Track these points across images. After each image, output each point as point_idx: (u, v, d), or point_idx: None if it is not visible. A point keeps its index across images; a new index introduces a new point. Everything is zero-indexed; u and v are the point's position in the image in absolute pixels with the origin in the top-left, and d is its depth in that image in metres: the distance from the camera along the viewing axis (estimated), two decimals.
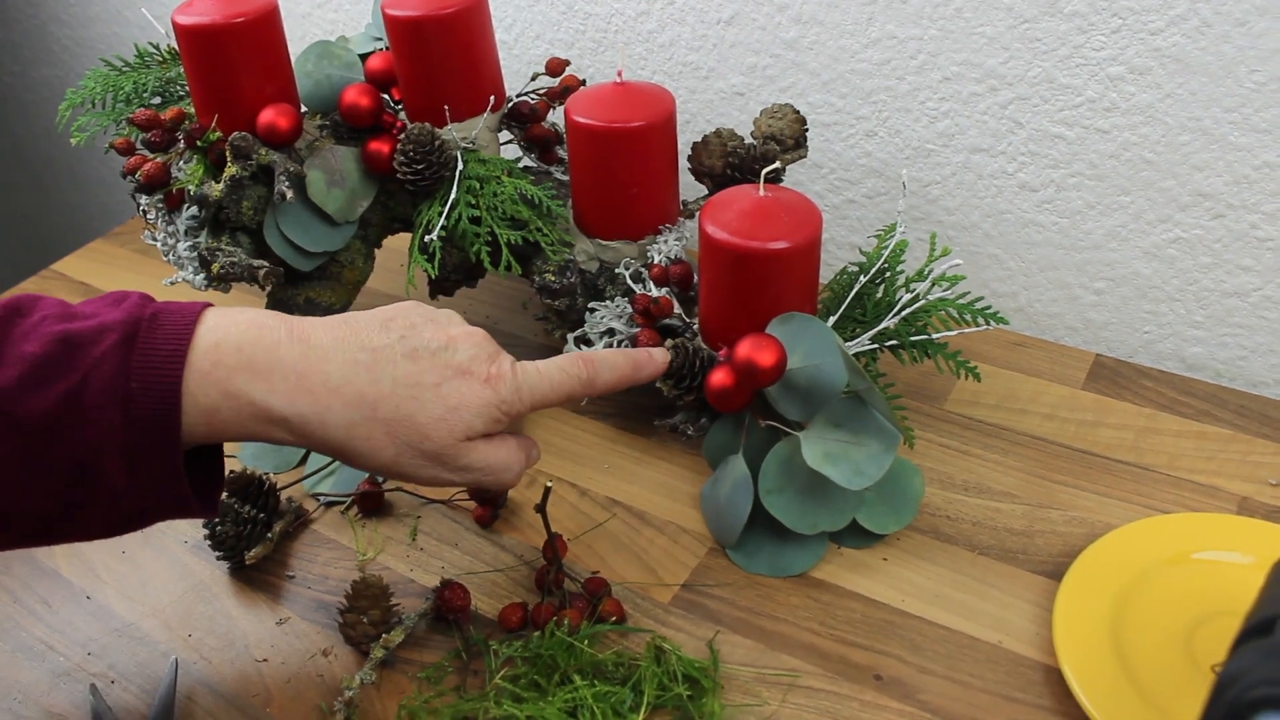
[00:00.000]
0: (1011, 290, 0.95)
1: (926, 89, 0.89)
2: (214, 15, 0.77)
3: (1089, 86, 0.82)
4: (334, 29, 1.25)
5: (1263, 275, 0.83)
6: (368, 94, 0.82)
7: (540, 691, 0.62)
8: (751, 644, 0.66)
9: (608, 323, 0.79)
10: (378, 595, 0.67)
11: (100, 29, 1.52)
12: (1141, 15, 0.78)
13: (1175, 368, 0.89)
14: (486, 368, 0.58)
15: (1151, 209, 0.85)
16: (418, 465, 0.57)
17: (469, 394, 0.57)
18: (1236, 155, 0.79)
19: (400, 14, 0.78)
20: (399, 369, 0.56)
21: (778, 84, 0.97)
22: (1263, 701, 0.36)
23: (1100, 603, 0.65)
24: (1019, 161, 0.88)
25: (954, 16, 0.85)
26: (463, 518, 0.77)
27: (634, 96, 0.77)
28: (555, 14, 1.06)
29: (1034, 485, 0.76)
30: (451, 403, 0.56)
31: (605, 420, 0.85)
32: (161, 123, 0.82)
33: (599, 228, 0.81)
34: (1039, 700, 0.62)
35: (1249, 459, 0.77)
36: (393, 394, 0.55)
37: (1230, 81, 0.77)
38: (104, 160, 1.68)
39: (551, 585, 0.69)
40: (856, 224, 1.00)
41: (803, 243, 0.69)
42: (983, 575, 0.69)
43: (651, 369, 0.67)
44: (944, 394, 0.85)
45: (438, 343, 0.57)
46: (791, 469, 0.71)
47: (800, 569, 0.70)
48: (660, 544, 0.74)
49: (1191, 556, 0.68)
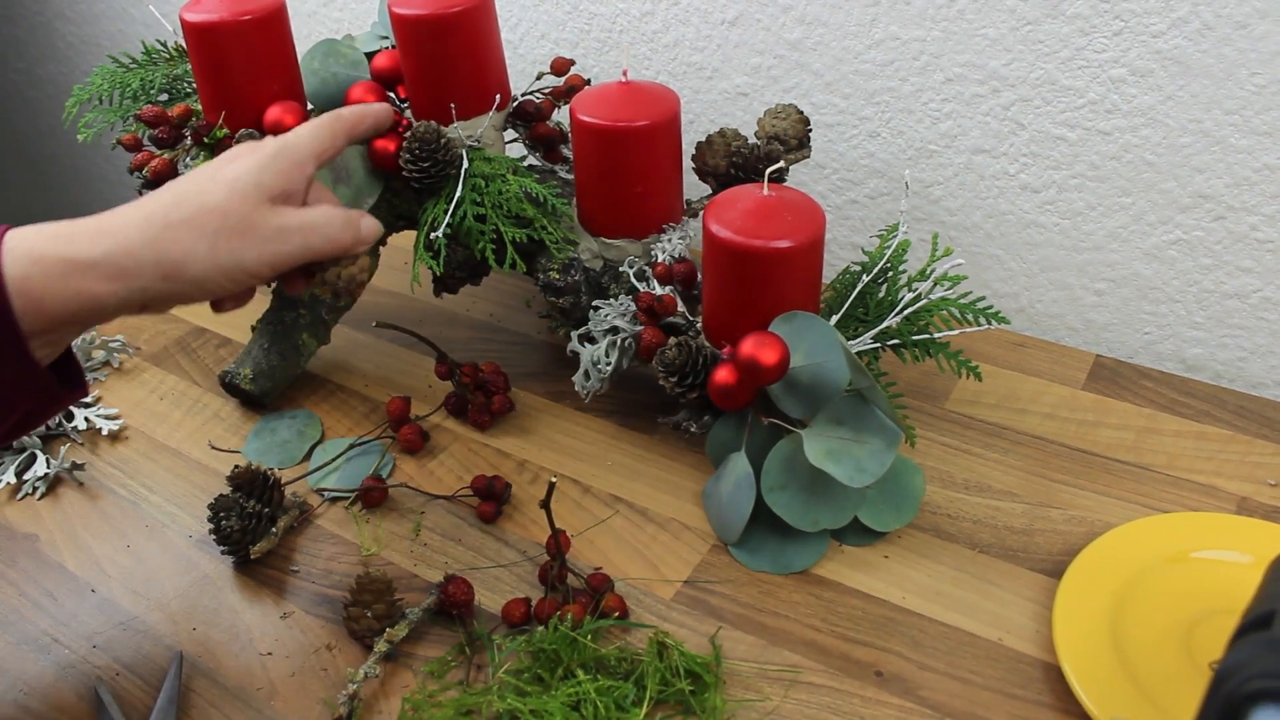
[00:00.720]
0: (1013, 290, 0.95)
1: (929, 90, 0.90)
2: (222, 13, 0.78)
3: (1091, 88, 0.83)
4: (340, 27, 1.25)
5: (1263, 277, 0.83)
6: (374, 92, 0.83)
7: (543, 686, 0.63)
8: (753, 640, 0.66)
9: (611, 320, 0.79)
10: (381, 590, 0.67)
11: (105, 26, 1.52)
12: (1143, 18, 0.78)
13: (1175, 368, 0.90)
14: (250, 147, 0.63)
15: (1152, 210, 0.85)
16: (238, 250, 0.59)
17: (243, 164, 0.61)
18: (1237, 157, 0.80)
19: (407, 12, 0.78)
20: (176, 185, 0.60)
21: (781, 84, 0.97)
22: (1261, 694, 0.36)
23: (1100, 601, 0.65)
24: (1021, 163, 0.89)
25: (957, 18, 0.86)
26: (466, 513, 0.77)
27: (639, 96, 0.78)
28: (560, 13, 1.06)
29: (1034, 484, 0.76)
30: (229, 175, 0.60)
31: (608, 418, 0.85)
32: (169, 119, 0.82)
33: (603, 226, 0.82)
34: (1039, 697, 0.62)
35: (1248, 459, 0.77)
36: (176, 199, 0.58)
37: (1231, 84, 0.78)
38: (109, 157, 1.69)
39: (555, 581, 0.69)
40: (859, 224, 1.00)
41: (806, 242, 0.70)
42: (983, 573, 0.70)
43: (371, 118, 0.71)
44: (945, 393, 0.85)
45: (211, 163, 0.63)
46: (794, 466, 0.71)
47: (802, 566, 0.71)
48: (663, 540, 0.74)
49: (1191, 555, 0.68)
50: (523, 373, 0.91)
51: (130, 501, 0.81)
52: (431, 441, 0.84)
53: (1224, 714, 0.37)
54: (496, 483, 0.77)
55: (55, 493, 0.82)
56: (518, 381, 0.90)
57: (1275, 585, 0.47)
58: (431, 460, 0.83)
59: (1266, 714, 0.36)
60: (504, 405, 0.85)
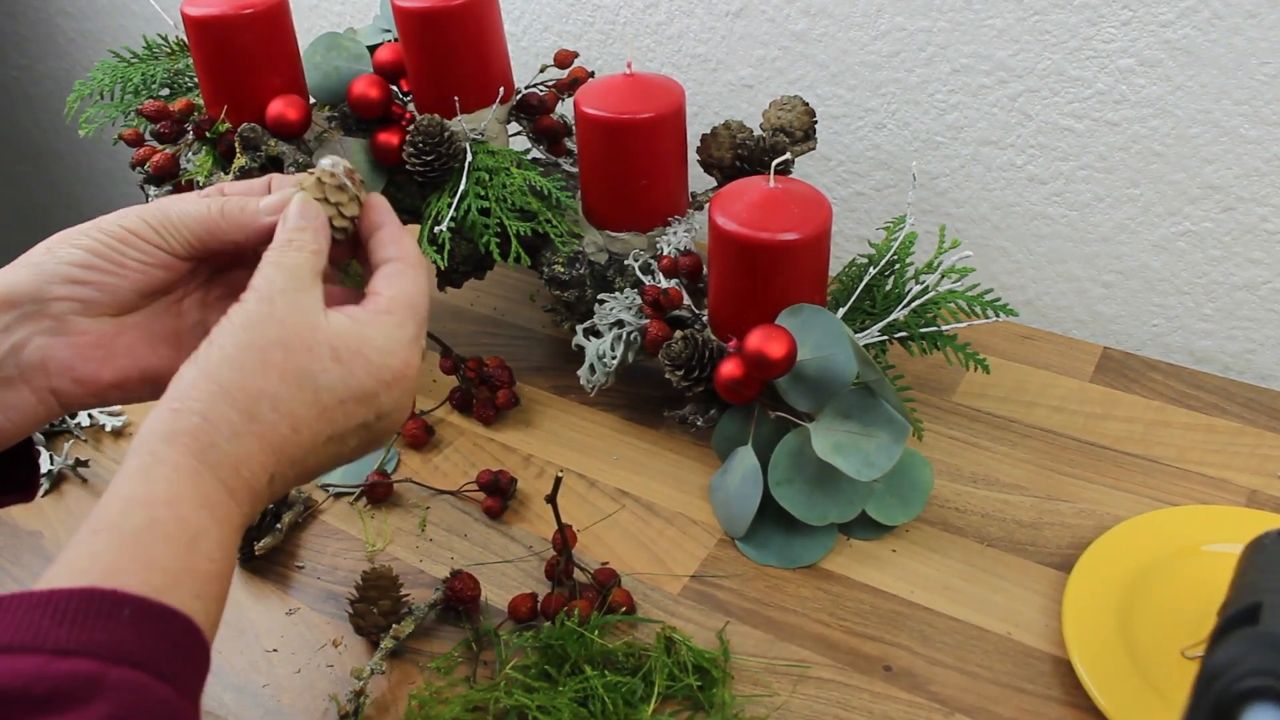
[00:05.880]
0: (1020, 283, 0.94)
1: (935, 81, 0.89)
2: (223, 7, 0.77)
3: (1099, 79, 0.82)
4: (342, 20, 1.25)
5: (1272, 268, 0.82)
6: (377, 85, 0.82)
7: (551, 682, 0.62)
8: (761, 635, 0.66)
9: (617, 314, 0.79)
10: (387, 586, 0.67)
11: (106, 21, 1.52)
12: (1152, 7, 0.78)
13: (1184, 360, 0.89)
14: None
15: (1161, 202, 0.84)
16: None
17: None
18: (1247, 148, 0.79)
19: (410, 5, 0.78)
20: None
21: (786, 76, 0.96)
22: (1254, 692, 0.36)
23: (1109, 594, 0.65)
24: (1028, 154, 0.88)
25: (963, 8, 0.85)
26: (472, 508, 0.77)
27: (643, 88, 0.77)
28: (563, 6, 1.06)
29: (1043, 477, 0.76)
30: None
31: (614, 411, 0.85)
32: (170, 114, 0.82)
33: (608, 219, 0.81)
34: (1048, 691, 0.62)
35: (1258, 452, 0.77)
36: None
37: (1241, 74, 0.77)
38: (111, 152, 1.68)
39: (561, 576, 0.69)
40: (865, 216, 1.00)
41: (812, 234, 0.69)
42: (992, 567, 0.69)
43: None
44: (953, 386, 0.85)
45: None
46: (801, 460, 0.71)
47: (810, 560, 0.71)
48: (670, 535, 0.74)
49: (1200, 549, 0.68)
50: (528, 367, 0.91)
51: None
52: (436, 436, 0.84)
53: (1215, 713, 0.36)
54: (502, 477, 0.76)
55: (59, 490, 0.82)
56: (523, 376, 0.89)
57: (1255, 574, 0.46)
58: (437, 455, 0.82)
59: (1260, 713, 0.35)
60: (509, 400, 0.85)
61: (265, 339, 0.46)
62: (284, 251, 0.50)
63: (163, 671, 0.38)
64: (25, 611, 0.38)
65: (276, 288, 0.48)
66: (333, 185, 0.52)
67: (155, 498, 0.42)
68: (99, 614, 0.38)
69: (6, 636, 0.37)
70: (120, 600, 0.39)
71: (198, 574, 0.42)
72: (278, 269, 0.49)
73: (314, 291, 0.49)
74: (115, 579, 0.39)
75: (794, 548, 0.71)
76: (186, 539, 0.42)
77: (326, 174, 0.52)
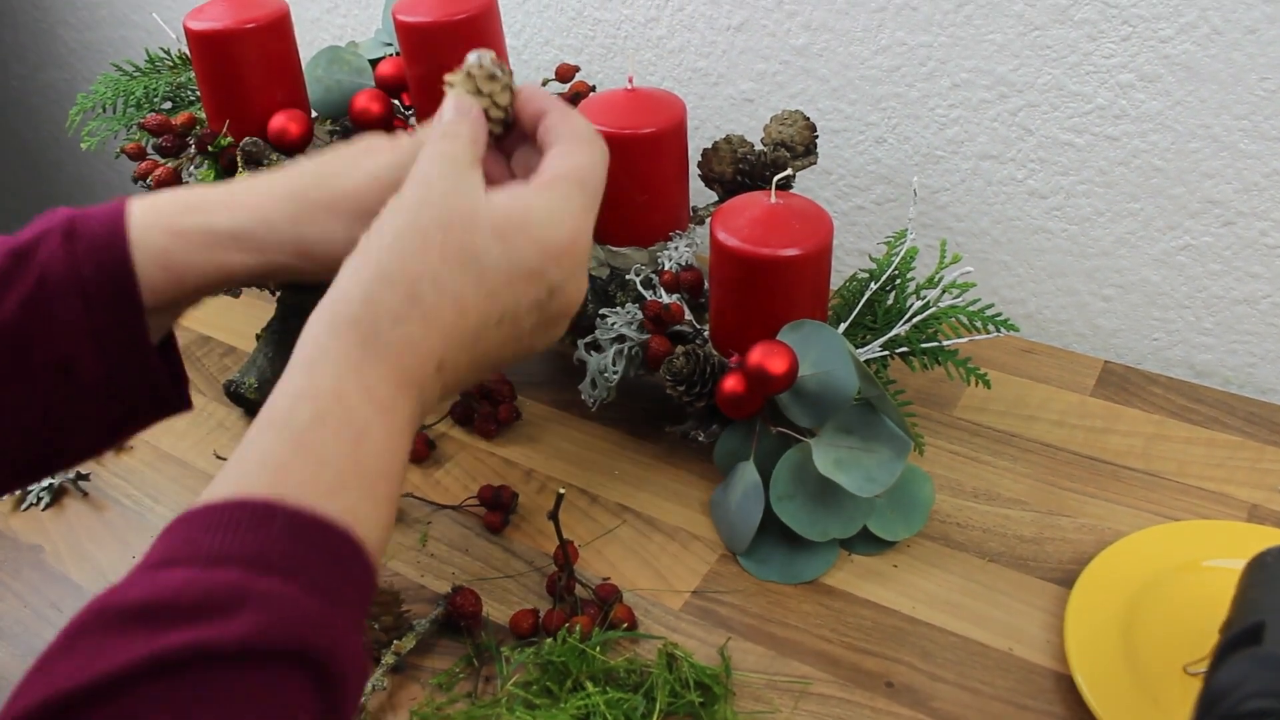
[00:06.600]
0: (1020, 297, 0.95)
1: (936, 96, 0.90)
2: (226, 20, 0.77)
3: (1099, 94, 0.82)
4: (343, 34, 1.25)
5: (1272, 282, 0.83)
6: (378, 99, 0.82)
7: (552, 698, 0.62)
8: (763, 651, 0.66)
9: (618, 329, 0.79)
10: (388, 601, 0.67)
11: (108, 32, 1.52)
12: (1151, 23, 0.78)
13: (1184, 374, 0.89)
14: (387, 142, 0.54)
15: (1161, 216, 0.85)
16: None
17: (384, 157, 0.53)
18: (1246, 162, 0.79)
19: (412, 20, 0.78)
20: (316, 164, 0.54)
21: (787, 90, 0.97)
22: (1259, 714, 0.36)
23: (1111, 610, 0.65)
24: (1028, 168, 0.88)
25: (964, 23, 0.85)
26: (473, 523, 0.77)
27: (644, 103, 0.78)
28: (565, 20, 1.06)
29: (1044, 492, 0.76)
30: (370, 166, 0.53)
31: (616, 426, 0.85)
32: (173, 128, 0.82)
33: (609, 234, 0.81)
34: (1050, 707, 0.62)
35: (1259, 466, 0.77)
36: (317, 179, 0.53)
37: (1240, 89, 0.77)
38: (112, 165, 1.68)
39: (563, 591, 0.69)
40: (865, 230, 1.00)
41: (813, 249, 0.69)
42: (993, 582, 0.69)
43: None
44: (953, 400, 0.85)
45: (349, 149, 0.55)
46: (802, 476, 0.71)
47: (811, 576, 0.71)
48: (671, 550, 0.74)
49: (1202, 564, 0.68)
50: (529, 381, 0.91)
51: (135, 512, 0.80)
52: (438, 450, 0.84)
53: None
54: (503, 492, 0.76)
55: (60, 503, 0.82)
56: (524, 390, 0.89)
57: (1257, 592, 0.45)
58: (438, 469, 0.82)
59: None
60: (510, 414, 0.85)
61: (423, 221, 0.46)
62: (440, 143, 0.49)
63: (316, 584, 0.38)
64: (184, 529, 0.39)
65: (434, 174, 0.47)
66: (483, 76, 0.51)
67: (321, 390, 0.42)
68: (250, 525, 0.38)
69: (162, 553, 0.38)
70: (273, 511, 0.39)
71: (366, 472, 0.42)
72: (433, 159, 0.48)
73: (473, 175, 0.48)
74: (284, 477, 0.40)
75: (795, 563, 0.71)
76: (353, 434, 0.42)
77: (475, 66, 0.51)
